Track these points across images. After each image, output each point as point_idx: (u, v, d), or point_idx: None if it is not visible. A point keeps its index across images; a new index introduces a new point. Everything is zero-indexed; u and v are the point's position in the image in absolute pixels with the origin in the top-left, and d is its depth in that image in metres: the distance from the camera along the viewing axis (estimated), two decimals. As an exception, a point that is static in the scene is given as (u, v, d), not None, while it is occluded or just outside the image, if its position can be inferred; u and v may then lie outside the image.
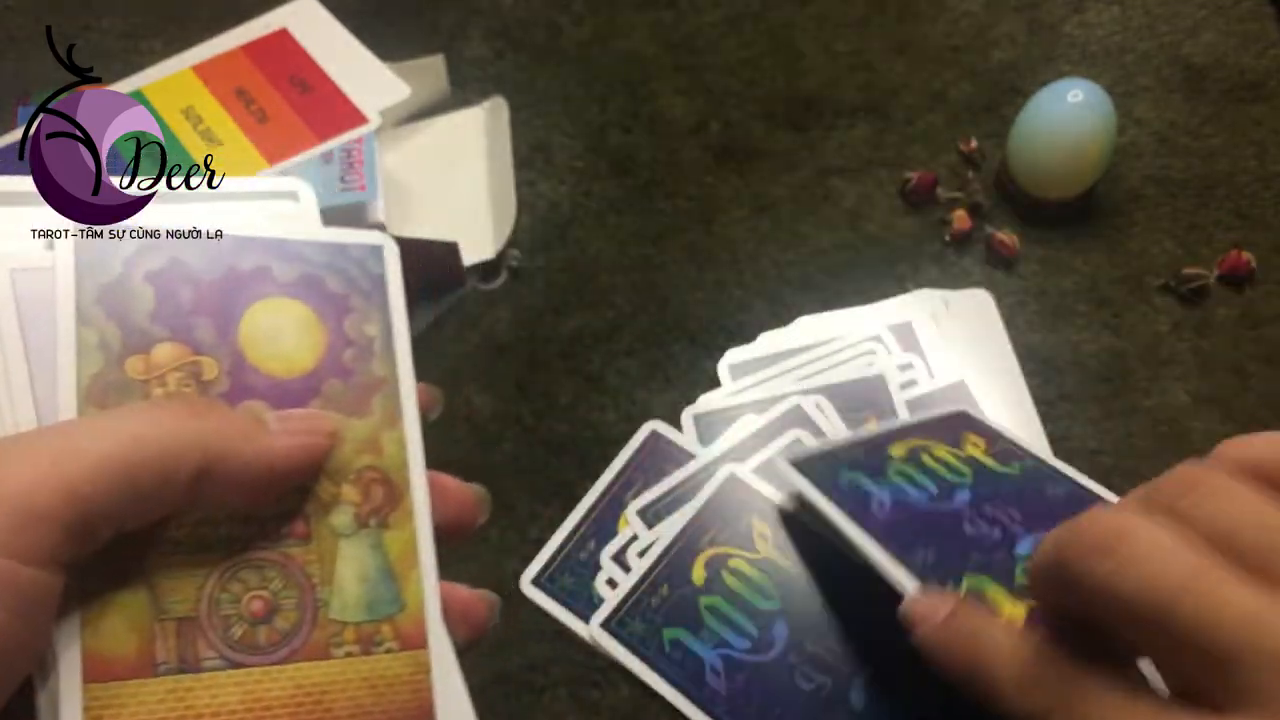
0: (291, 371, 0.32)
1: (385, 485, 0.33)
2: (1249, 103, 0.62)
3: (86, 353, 0.30)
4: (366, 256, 0.34)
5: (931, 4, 0.66)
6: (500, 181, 0.60)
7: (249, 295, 0.33)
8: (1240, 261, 0.56)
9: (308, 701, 0.30)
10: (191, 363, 0.31)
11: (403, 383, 0.33)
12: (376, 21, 0.65)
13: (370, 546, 0.32)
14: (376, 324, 0.34)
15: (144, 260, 0.32)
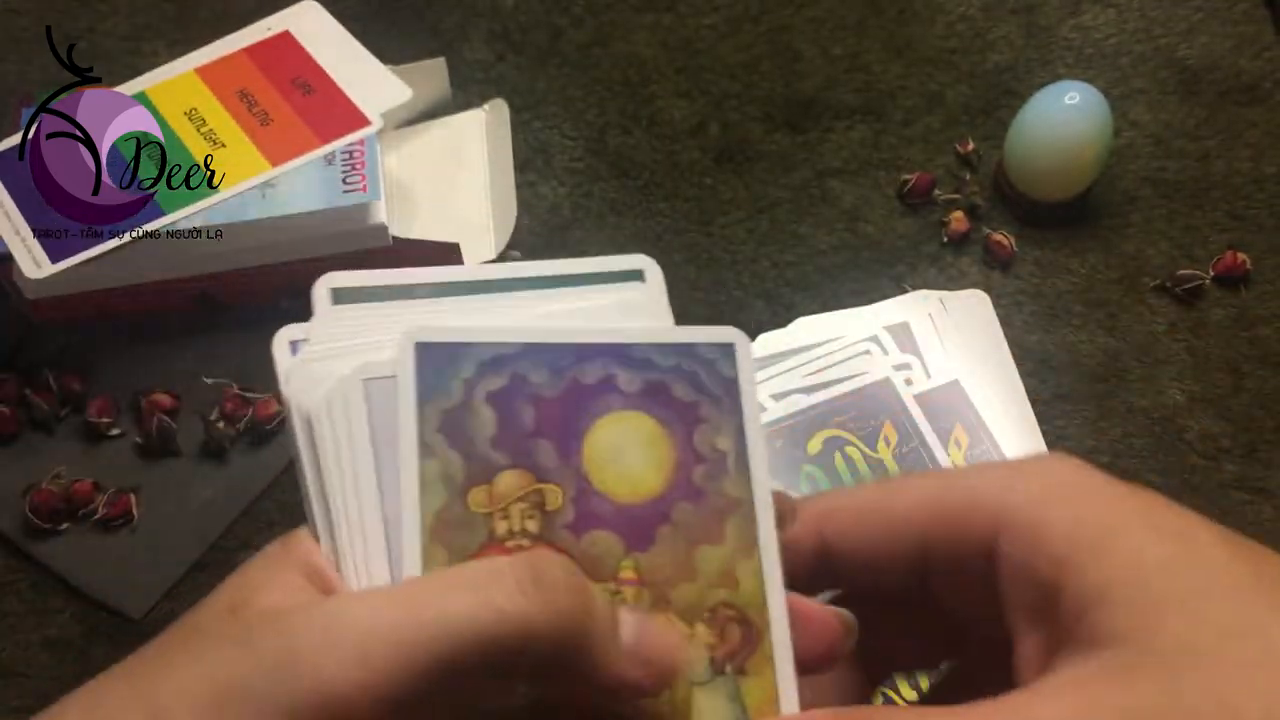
0: (639, 495, 0.30)
1: (743, 624, 0.29)
2: (1244, 105, 0.62)
3: (430, 487, 0.28)
4: (718, 357, 0.31)
5: (928, 7, 0.66)
6: (501, 183, 0.60)
7: (593, 411, 0.30)
8: (1235, 262, 0.56)
9: None
10: (535, 491, 0.29)
11: (759, 504, 0.30)
12: (378, 24, 0.65)
13: (727, 697, 0.29)
14: (729, 436, 0.30)
15: (485, 381, 0.29)
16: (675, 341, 0.31)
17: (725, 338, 0.31)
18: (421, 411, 0.28)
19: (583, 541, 0.28)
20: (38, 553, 0.50)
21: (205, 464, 0.53)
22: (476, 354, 0.30)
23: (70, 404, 0.54)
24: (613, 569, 0.29)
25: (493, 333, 0.30)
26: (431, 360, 0.29)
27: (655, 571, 0.29)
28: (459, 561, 0.27)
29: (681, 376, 0.30)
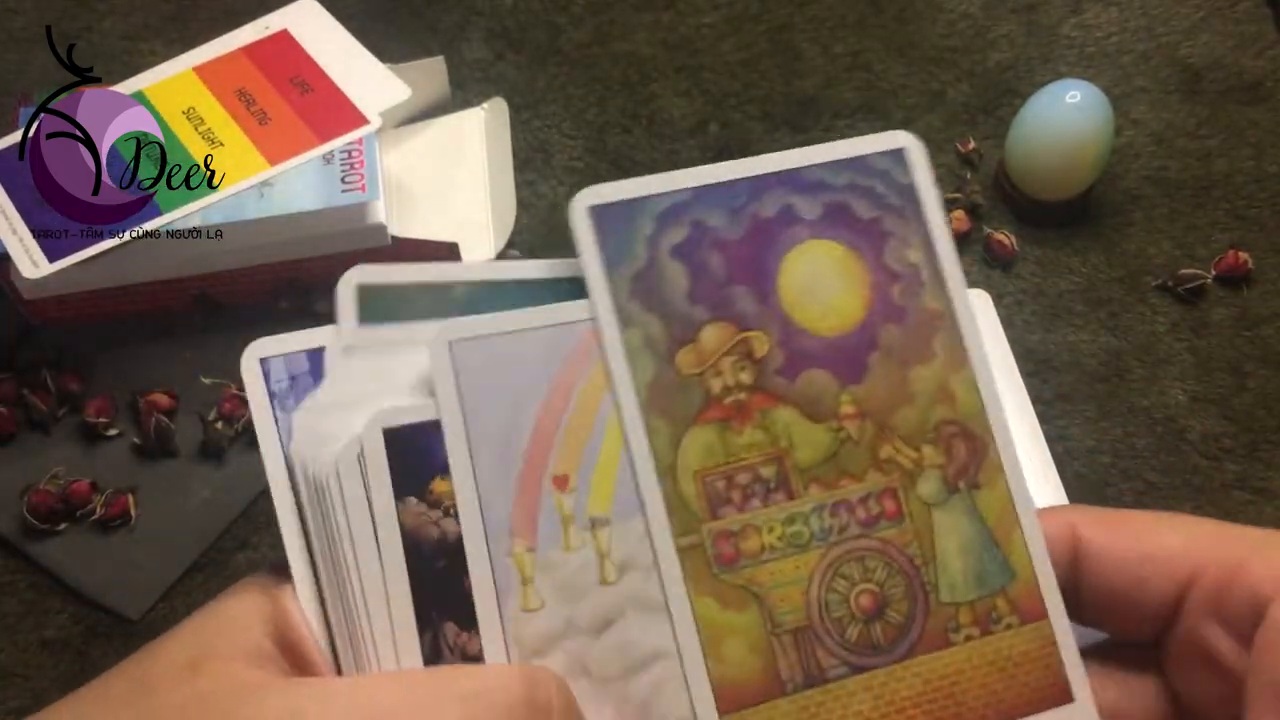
0: (844, 326, 0.28)
1: (967, 438, 0.29)
2: (1246, 104, 0.62)
3: (637, 358, 0.27)
4: (890, 166, 0.29)
5: (929, 5, 0.66)
6: (500, 182, 0.60)
7: (780, 247, 0.28)
8: (1237, 262, 0.56)
9: (939, 696, 0.27)
10: (741, 341, 0.28)
11: (959, 313, 0.29)
12: (377, 23, 0.65)
13: (966, 513, 0.28)
14: (918, 247, 0.29)
15: (667, 235, 0.28)
16: (845, 156, 0.29)
17: (895, 143, 0.29)
18: (611, 280, 0.27)
19: (798, 384, 0.28)
20: (35, 553, 0.50)
21: (203, 464, 0.52)
22: (651, 207, 0.28)
23: (68, 404, 0.54)
24: (832, 407, 0.28)
25: (661, 182, 0.28)
26: (608, 223, 0.28)
27: (873, 401, 0.28)
28: (681, 431, 0.27)
29: (859, 193, 0.29)
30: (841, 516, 0.28)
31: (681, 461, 0.27)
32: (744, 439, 0.28)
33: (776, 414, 0.28)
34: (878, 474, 0.28)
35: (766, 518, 0.27)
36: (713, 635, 0.27)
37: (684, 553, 0.27)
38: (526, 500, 0.26)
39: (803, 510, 0.28)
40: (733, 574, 0.27)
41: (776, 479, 0.28)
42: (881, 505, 0.28)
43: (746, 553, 0.27)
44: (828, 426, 0.28)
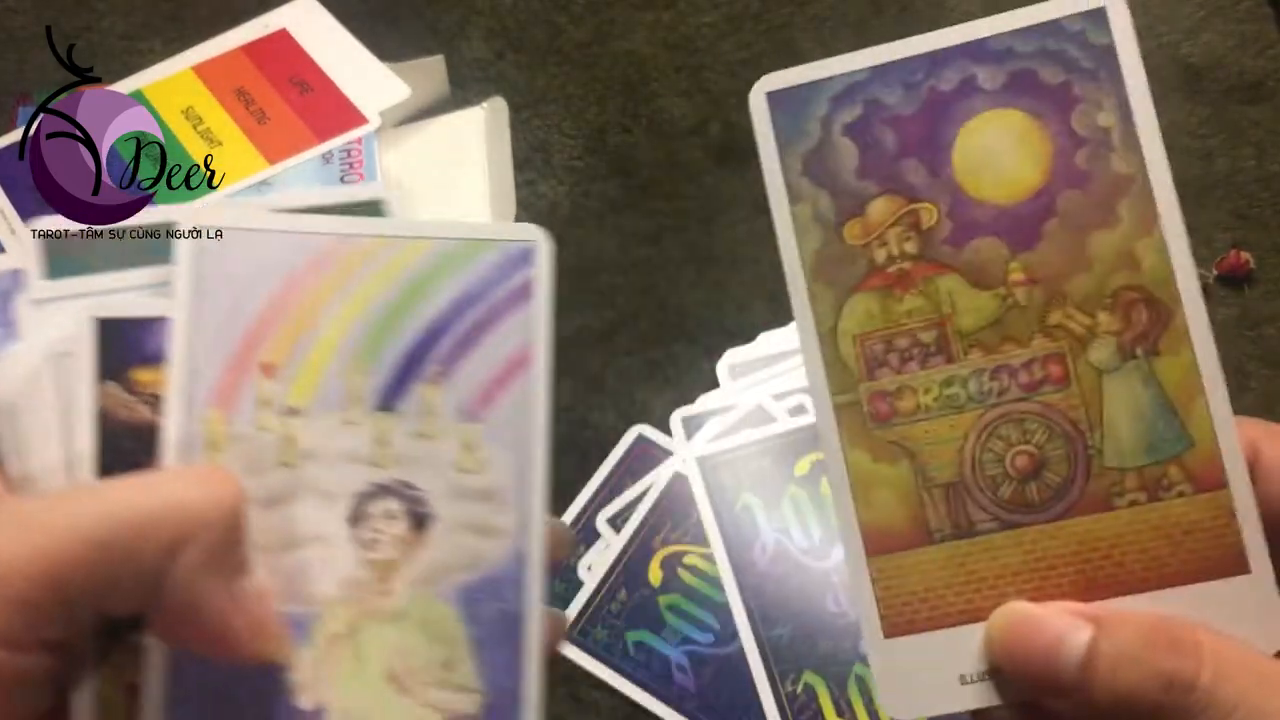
0: (1018, 195, 0.29)
1: (1149, 305, 0.28)
2: (1248, 103, 0.62)
3: (805, 229, 0.29)
4: (1086, 26, 0.29)
5: (930, 5, 0.66)
6: (500, 182, 0.60)
7: (956, 118, 0.29)
8: (1239, 262, 0.56)
9: (1094, 557, 0.28)
10: (908, 213, 0.29)
11: (1154, 175, 0.29)
12: (376, 22, 0.65)
13: (1141, 380, 0.28)
14: (1111, 110, 0.29)
15: (841, 115, 0.29)
16: (1036, 21, 0.29)
17: (1094, 2, 0.29)
18: (783, 159, 0.29)
19: (965, 252, 0.28)
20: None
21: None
22: (828, 89, 0.29)
23: (67, 404, 0.54)
24: (1000, 274, 0.29)
25: (839, 64, 0.29)
26: (784, 107, 0.29)
27: (1045, 268, 0.28)
28: (843, 297, 0.29)
29: (1048, 58, 0.29)
30: (1002, 380, 0.29)
31: (842, 325, 0.29)
32: (905, 305, 0.29)
33: (940, 281, 0.29)
34: (1045, 340, 0.28)
35: (924, 380, 0.29)
36: (863, 484, 0.28)
37: (840, 409, 0.29)
38: (231, 378, 0.28)
39: (961, 373, 0.29)
40: (886, 430, 0.29)
41: (936, 343, 0.29)
42: (1046, 370, 0.29)
43: (901, 411, 0.29)
44: (994, 293, 0.29)
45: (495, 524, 0.29)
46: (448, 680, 0.28)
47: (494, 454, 0.29)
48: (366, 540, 0.28)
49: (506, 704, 0.29)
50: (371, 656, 0.28)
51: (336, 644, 0.28)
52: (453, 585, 0.28)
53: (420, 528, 0.28)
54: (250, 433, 0.28)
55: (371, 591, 0.28)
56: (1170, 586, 0.28)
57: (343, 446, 0.28)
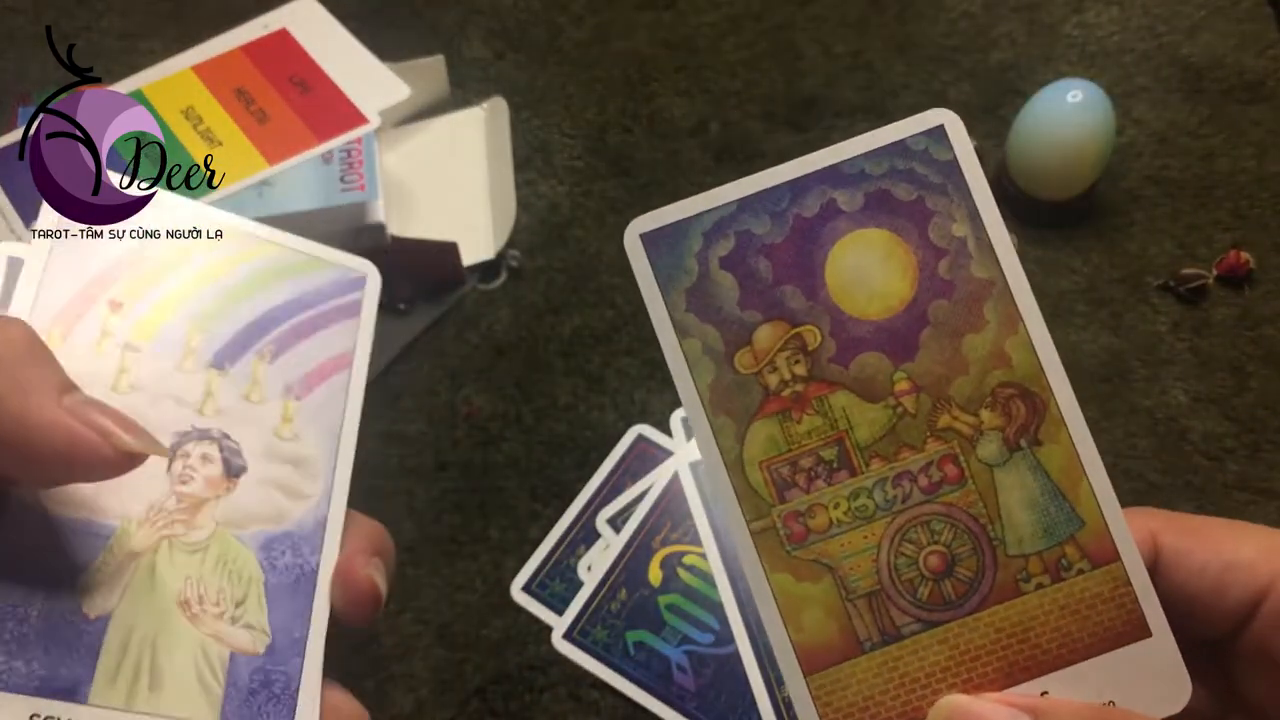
0: (892, 308, 0.31)
1: (1025, 398, 0.31)
2: (1248, 103, 0.62)
3: (697, 364, 0.31)
4: (929, 144, 0.31)
5: (930, 4, 0.66)
6: (500, 182, 0.60)
7: (824, 241, 0.31)
8: (1239, 261, 0.56)
9: (1012, 642, 0.30)
10: (794, 336, 0.31)
11: (1010, 278, 0.31)
12: (376, 22, 0.65)
13: (1029, 469, 0.30)
14: (963, 220, 0.31)
15: (714, 249, 0.31)
16: (883, 144, 0.31)
17: (933, 121, 0.31)
18: (667, 298, 0.31)
19: (852, 368, 0.30)
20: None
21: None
22: (699, 225, 0.31)
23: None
24: (887, 386, 0.30)
25: (705, 200, 0.31)
26: (660, 246, 0.31)
27: (928, 375, 0.30)
28: (744, 427, 0.30)
29: (899, 177, 0.31)
30: (904, 486, 0.30)
31: (747, 454, 0.30)
32: (803, 426, 0.31)
33: (833, 399, 0.31)
34: (937, 443, 0.30)
35: (832, 495, 0.30)
36: (791, 606, 0.30)
37: (757, 536, 0.30)
38: (77, 305, 0.31)
39: (865, 485, 0.30)
40: (804, 550, 0.30)
41: (838, 459, 0.31)
42: (943, 471, 0.30)
43: (815, 529, 0.30)
44: (884, 404, 0.31)
45: (302, 488, 0.32)
46: (237, 617, 0.31)
47: (308, 430, 0.32)
48: (180, 474, 0.31)
49: (289, 650, 0.31)
50: (167, 580, 0.30)
51: (133, 561, 0.30)
52: (255, 533, 0.31)
53: (232, 475, 0.31)
54: (87, 355, 0.31)
55: (176, 520, 0.30)
56: (1084, 660, 0.29)
57: (172, 388, 0.31)
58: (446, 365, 0.55)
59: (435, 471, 0.52)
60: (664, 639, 0.47)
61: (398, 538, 0.51)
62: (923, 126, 0.31)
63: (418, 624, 0.48)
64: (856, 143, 0.31)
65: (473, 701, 0.47)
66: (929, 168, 0.31)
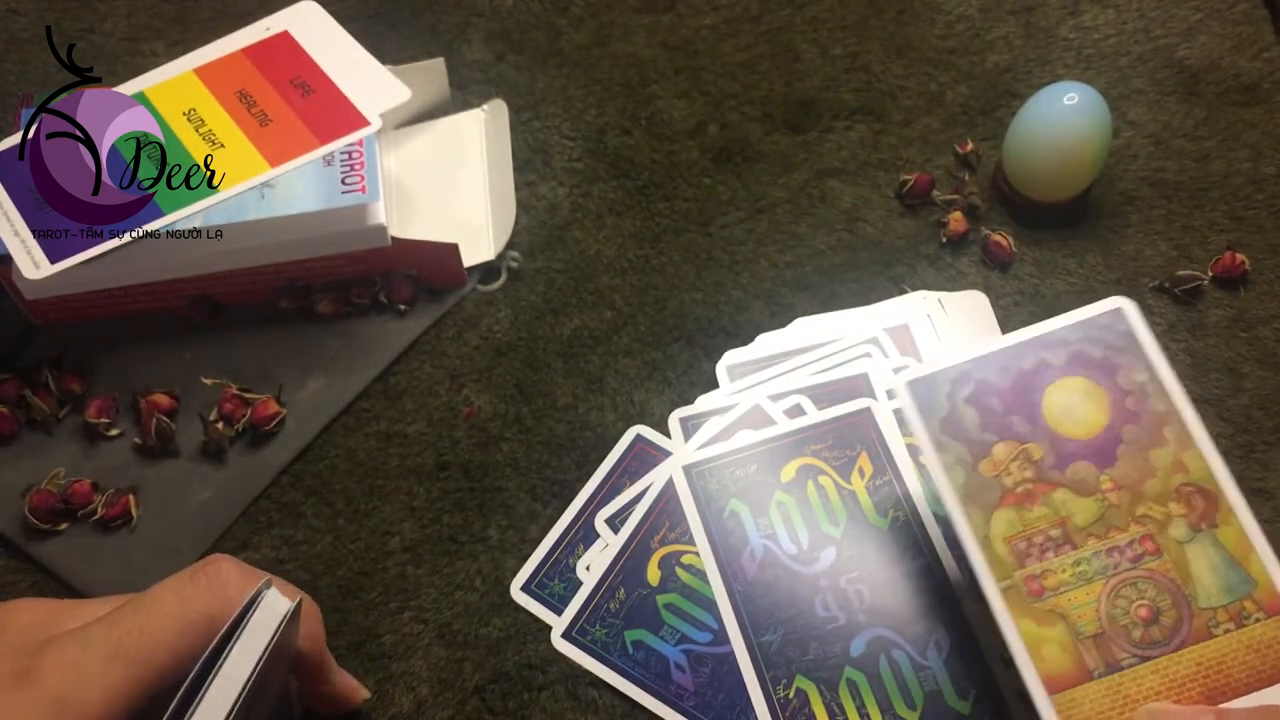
0: (1093, 432, 0.42)
1: (1201, 494, 0.41)
2: (1243, 105, 0.62)
3: (951, 471, 0.42)
4: (1112, 321, 0.43)
5: (927, 7, 0.66)
6: (500, 183, 0.60)
7: (1040, 385, 0.43)
8: (1234, 263, 0.56)
9: (1209, 673, 0.39)
10: (1022, 451, 0.42)
11: (1183, 410, 0.42)
12: (377, 24, 0.65)
13: (1211, 545, 0.41)
14: (1143, 371, 0.43)
15: (959, 390, 0.43)
16: (1078, 320, 0.43)
17: (1112, 305, 0.43)
18: (927, 425, 0.42)
19: (1067, 473, 0.42)
20: (37, 553, 0.50)
21: (204, 464, 0.53)
22: (946, 375, 0.43)
23: (69, 404, 0.54)
24: (1095, 485, 0.42)
25: (953, 357, 0.43)
26: (921, 391, 0.43)
27: (1125, 478, 0.41)
28: (989, 514, 0.41)
29: (1091, 341, 0.43)
30: (1115, 557, 0.41)
31: (993, 532, 0.41)
32: (1034, 513, 0.42)
33: (1055, 495, 0.42)
34: (1137, 526, 0.41)
35: (1059, 563, 0.41)
36: (1034, 644, 0.40)
37: (1005, 592, 0.41)
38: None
39: (1085, 555, 0.41)
40: (1041, 603, 0.40)
41: (1062, 536, 0.41)
42: (1144, 546, 0.41)
43: (1049, 587, 0.41)
44: (1094, 499, 0.41)
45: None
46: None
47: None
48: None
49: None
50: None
51: None
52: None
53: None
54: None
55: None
56: (1267, 686, 0.39)
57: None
58: (447, 366, 0.55)
59: (435, 471, 0.52)
60: (662, 638, 0.47)
61: (398, 538, 0.51)
62: (1106, 309, 0.43)
63: (417, 623, 0.49)
64: (1057, 320, 0.43)
65: (472, 700, 0.47)
66: (1113, 335, 0.43)
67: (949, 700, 0.45)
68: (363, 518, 0.52)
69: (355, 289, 0.56)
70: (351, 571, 0.50)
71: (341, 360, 0.55)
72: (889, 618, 0.47)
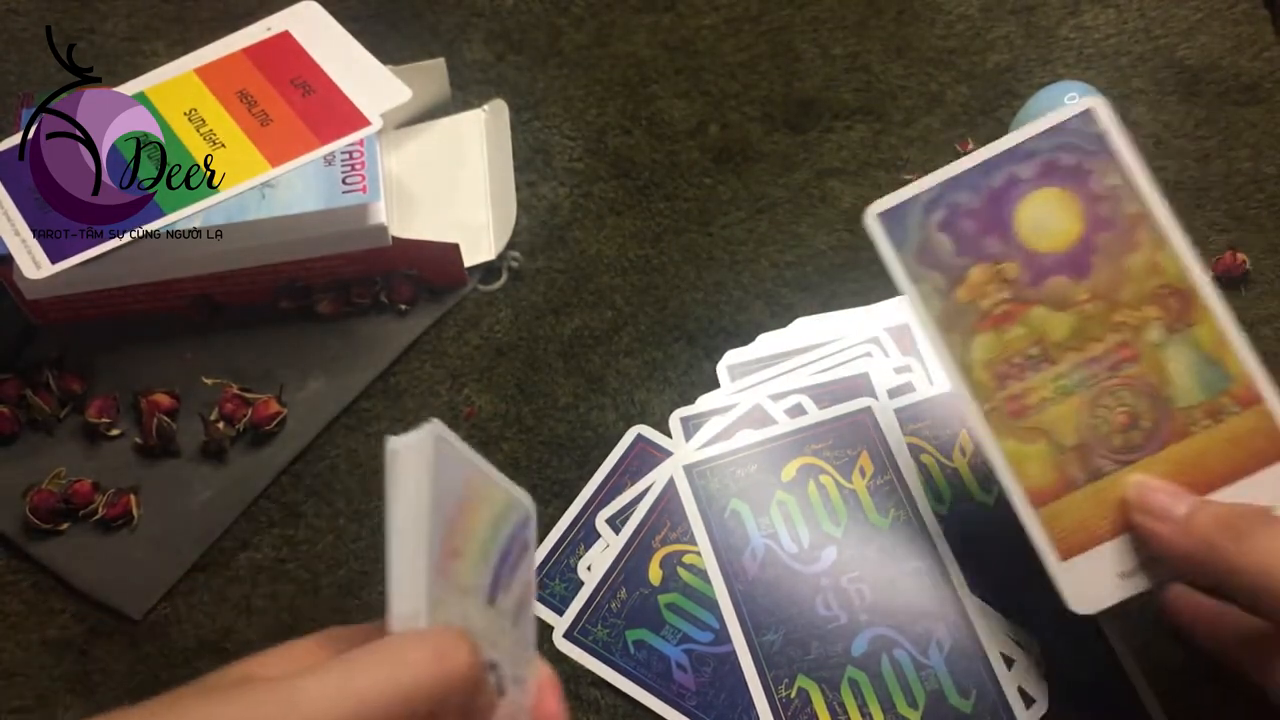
0: (1069, 243, 0.41)
1: (1176, 294, 0.40)
2: (1244, 105, 0.62)
3: (927, 299, 0.41)
4: (1082, 124, 0.41)
5: (928, 7, 0.66)
6: (501, 183, 0.60)
7: (1011, 201, 0.41)
8: (1235, 263, 0.56)
9: (1189, 468, 0.39)
10: (997, 272, 0.41)
11: (1154, 210, 0.41)
12: (378, 24, 0.65)
13: (1187, 345, 0.40)
14: (1115, 173, 0.41)
15: (931, 216, 0.41)
16: (1048, 126, 0.41)
17: (1084, 107, 0.41)
18: (901, 257, 0.41)
19: (1043, 290, 0.41)
20: (38, 553, 0.50)
21: (205, 464, 0.53)
22: (919, 202, 0.41)
23: (70, 404, 0.54)
24: (1071, 298, 0.41)
25: (919, 185, 0.41)
26: (892, 222, 0.42)
27: (1101, 286, 0.40)
28: (969, 339, 0.41)
29: (1062, 149, 0.41)
30: (1093, 368, 0.40)
31: (974, 358, 0.41)
32: (1012, 334, 0.41)
33: (1032, 313, 0.41)
34: (1114, 334, 0.40)
35: (1039, 380, 0.41)
36: (1017, 461, 0.40)
37: (988, 415, 0.41)
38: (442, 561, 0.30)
39: (1064, 370, 0.40)
40: (1023, 421, 0.41)
41: (1041, 354, 0.41)
42: (1120, 354, 0.40)
43: (1030, 405, 0.40)
44: (1071, 311, 0.40)
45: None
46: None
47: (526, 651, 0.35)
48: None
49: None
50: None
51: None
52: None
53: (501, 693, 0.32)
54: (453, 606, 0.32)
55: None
56: (1245, 477, 0.39)
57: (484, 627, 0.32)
58: (447, 366, 0.55)
59: (436, 471, 0.52)
60: (664, 638, 0.47)
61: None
62: (1075, 111, 0.41)
63: (419, 623, 0.49)
64: (1027, 129, 0.41)
65: (474, 700, 0.47)
66: (1084, 139, 0.41)
67: (950, 699, 0.45)
68: (364, 517, 0.52)
69: (356, 289, 0.56)
70: (352, 571, 0.50)
71: (342, 360, 0.55)
72: (890, 617, 0.47)
